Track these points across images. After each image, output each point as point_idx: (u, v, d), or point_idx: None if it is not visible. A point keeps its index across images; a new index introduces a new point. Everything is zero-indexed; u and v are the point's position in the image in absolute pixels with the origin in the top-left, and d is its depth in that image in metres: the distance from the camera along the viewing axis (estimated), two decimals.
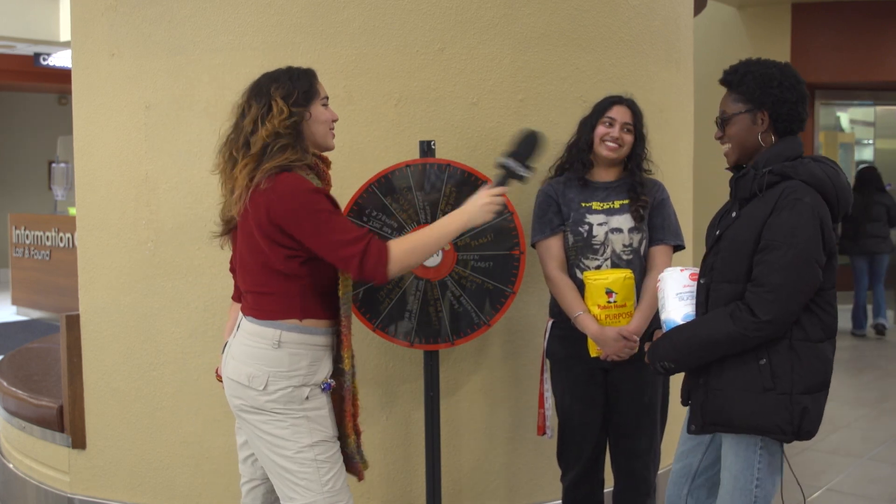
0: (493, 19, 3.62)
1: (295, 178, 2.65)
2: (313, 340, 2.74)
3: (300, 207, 2.62)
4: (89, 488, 4.00)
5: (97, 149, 3.91)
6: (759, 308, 2.50)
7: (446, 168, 3.32)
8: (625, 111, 3.23)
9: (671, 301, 2.75)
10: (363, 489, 3.69)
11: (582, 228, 3.23)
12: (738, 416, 2.58)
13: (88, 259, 3.97)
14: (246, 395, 2.73)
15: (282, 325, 2.71)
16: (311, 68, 2.82)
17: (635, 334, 3.14)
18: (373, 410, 3.67)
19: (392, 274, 2.68)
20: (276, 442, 2.72)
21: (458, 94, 3.61)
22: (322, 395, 2.77)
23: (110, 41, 3.81)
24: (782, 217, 2.52)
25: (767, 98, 2.64)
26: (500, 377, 3.78)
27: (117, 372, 3.88)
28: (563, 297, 3.24)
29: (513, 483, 3.85)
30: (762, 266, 2.53)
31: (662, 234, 3.25)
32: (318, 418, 2.74)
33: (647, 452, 3.30)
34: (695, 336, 2.63)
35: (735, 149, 2.72)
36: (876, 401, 6.78)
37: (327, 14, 3.53)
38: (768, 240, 2.53)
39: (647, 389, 3.26)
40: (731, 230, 2.65)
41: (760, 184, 2.59)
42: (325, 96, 2.81)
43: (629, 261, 3.21)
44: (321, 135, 2.79)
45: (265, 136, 2.65)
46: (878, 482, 4.90)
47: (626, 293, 3.15)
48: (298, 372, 2.71)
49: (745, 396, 2.57)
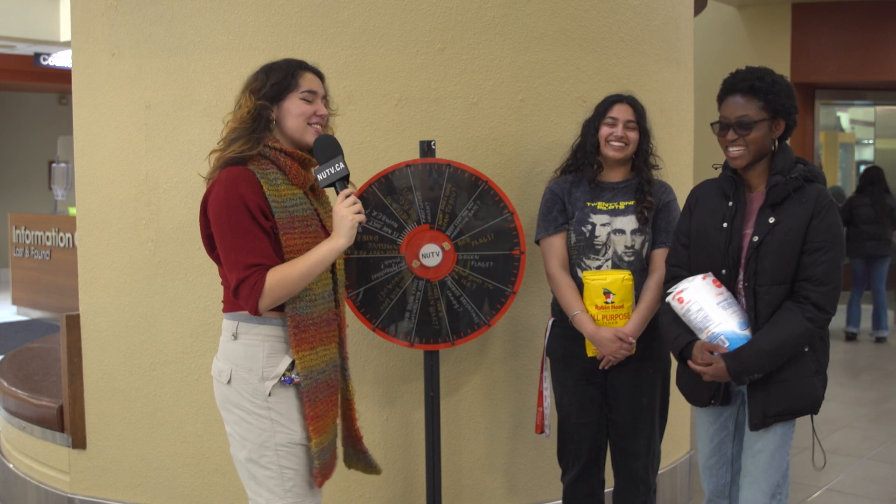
0: (493, 19, 3.62)
1: (234, 176, 2.56)
2: (268, 331, 2.64)
3: (221, 210, 2.56)
4: (90, 488, 4.00)
5: (97, 149, 3.91)
6: (828, 304, 2.74)
7: (446, 168, 3.32)
8: (626, 109, 3.22)
9: (716, 312, 2.80)
10: (363, 489, 3.69)
11: (585, 228, 3.23)
12: (803, 402, 2.81)
13: (89, 259, 3.96)
14: (217, 390, 2.72)
15: (238, 317, 2.66)
16: (298, 60, 2.73)
17: (631, 336, 3.14)
18: (373, 410, 3.67)
19: (264, 306, 2.55)
20: (241, 443, 2.66)
21: (458, 94, 3.61)
22: (288, 394, 2.65)
23: (110, 41, 3.81)
24: (829, 219, 2.76)
25: (789, 108, 2.82)
26: (500, 377, 3.78)
27: (118, 372, 3.88)
28: (563, 296, 3.25)
29: (513, 483, 3.85)
30: (823, 265, 2.74)
31: (665, 237, 3.23)
32: (283, 419, 2.64)
33: (645, 454, 3.30)
34: (781, 342, 2.75)
35: (752, 153, 2.82)
36: (875, 401, 6.78)
37: (327, 14, 3.53)
38: (822, 241, 2.74)
39: (645, 391, 3.26)
40: (774, 235, 2.77)
41: (795, 187, 2.78)
42: (308, 90, 2.68)
43: (630, 262, 3.21)
44: (296, 129, 2.68)
45: (229, 130, 2.65)
46: (878, 482, 4.90)
47: (624, 294, 3.15)
48: (255, 365, 2.62)
49: (802, 382, 2.80)
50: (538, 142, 3.69)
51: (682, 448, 4.53)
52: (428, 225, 3.31)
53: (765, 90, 2.78)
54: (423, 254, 3.31)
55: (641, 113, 3.26)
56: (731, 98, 2.83)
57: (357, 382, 3.60)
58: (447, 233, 3.32)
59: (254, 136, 2.63)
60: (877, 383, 7.41)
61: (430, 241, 3.31)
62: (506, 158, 3.65)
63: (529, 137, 3.69)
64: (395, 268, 3.32)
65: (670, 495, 4.38)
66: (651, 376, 3.25)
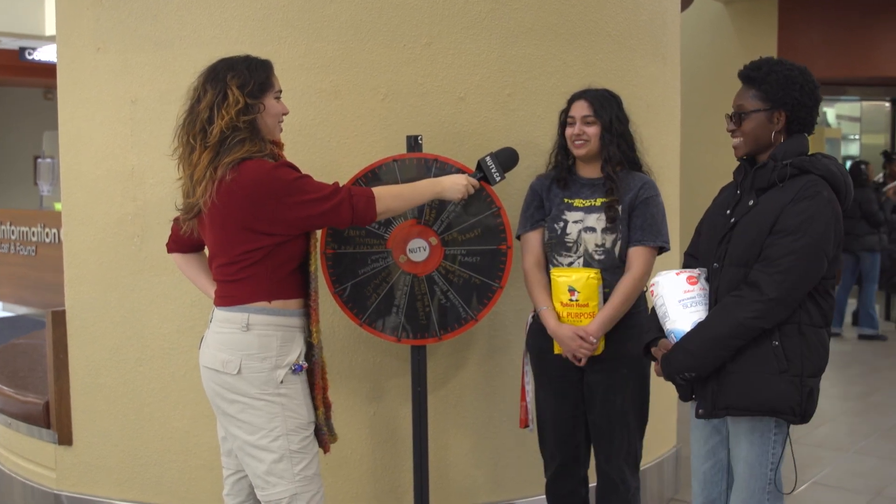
0: (480, 14, 3.62)
1: (256, 163, 2.69)
2: (282, 321, 2.78)
3: (274, 184, 2.68)
4: (76, 484, 3.98)
5: (83, 143, 3.89)
6: (767, 285, 2.58)
7: (433, 163, 3.32)
8: (581, 104, 3.19)
9: (674, 309, 2.74)
10: (350, 484, 3.69)
11: (557, 225, 3.22)
12: (757, 398, 2.63)
13: (74, 254, 3.95)
14: (221, 381, 2.77)
15: (249, 309, 2.76)
16: (269, 60, 2.85)
17: (592, 335, 3.08)
18: (360, 405, 3.67)
19: (380, 212, 2.86)
20: (250, 430, 2.75)
21: (445, 89, 3.61)
22: (297, 379, 2.81)
23: (96, 35, 3.79)
24: (801, 206, 2.60)
25: (788, 99, 2.71)
26: (487, 372, 3.78)
27: (104, 368, 3.87)
28: (532, 292, 3.26)
29: (500, 478, 3.86)
30: (775, 248, 2.60)
31: (641, 235, 3.15)
32: (293, 404, 2.78)
33: (621, 455, 3.24)
34: (708, 338, 2.65)
35: (747, 144, 2.77)
36: (862, 395, 6.81)
37: (314, 8, 3.52)
38: (784, 224, 2.61)
39: (619, 392, 3.20)
40: (748, 217, 2.70)
41: (781, 175, 2.67)
42: (279, 90, 2.84)
43: (601, 261, 3.16)
44: (272, 128, 2.83)
45: (223, 127, 2.68)
46: (864, 476, 4.92)
47: (589, 293, 3.11)
48: (269, 353, 2.75)
49: (761, 378, 2.62)
50: (525, 136, 3.69)
51: (668, 442, 4.54)
52: (415, 220, 3.31)
53: (759, 80, 2.72)
54: (410, 249, 3.31)
55: (600, 106, 3.17)
56: (740, 88, 2.80)
57: (344, 377, 3.61)
58: (434, 228, 3.32)
59: (258, 137, 2.74)
60: (863, 377, 7.45)
61: (418, 236, 3.31)
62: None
63: (516, 132, 3.69)
64: (383, 263, 3.32)
65: (657, 489, 4.39)
66: (625, 377, 3.19)
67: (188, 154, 2.76)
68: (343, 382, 3.61)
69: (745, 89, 2.77)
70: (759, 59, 2.80)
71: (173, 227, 3.07)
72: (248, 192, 2.66)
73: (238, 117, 2.69)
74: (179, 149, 2.81)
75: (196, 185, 2.72)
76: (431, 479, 3.57)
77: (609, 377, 3.19)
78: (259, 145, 2.72)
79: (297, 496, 2.78)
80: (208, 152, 2.69)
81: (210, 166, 2.68)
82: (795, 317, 2.63)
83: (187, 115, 2.78)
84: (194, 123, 2.74)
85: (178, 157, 2.82)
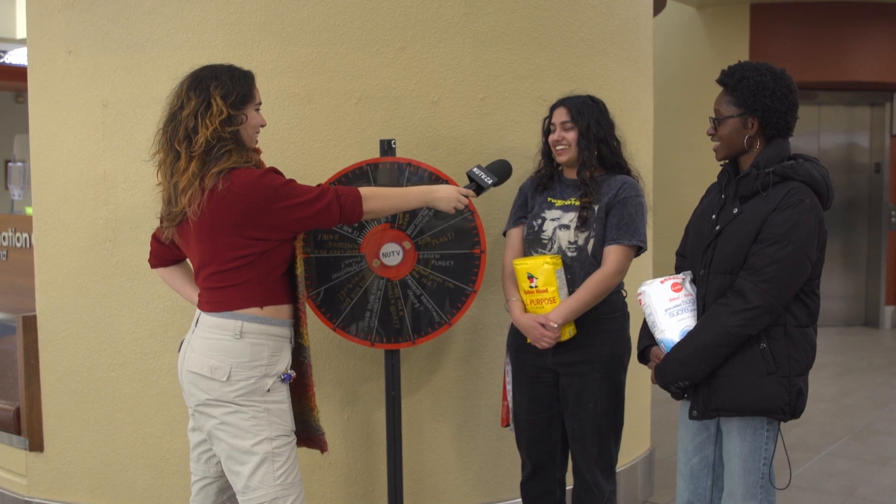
0: (453, 18, 3.62)
1: (245, 171, 2.70)
2: (274, 331, 2.80)
3: (264, 191, 2.69)
4: (47, 491, 3.95)
5: (54, 147, 3.86)
6: (752, 294, 2.64)
7: (406, 167, 3.32)
8: (561, 111, 3.23)
9: (662, 319, 2.81)
10: (325, 489, 3.68)
11: (535, 223, 3.25)
12: (746, 400, 2.71)
13: (45, 259, 3.92)
14: (208, 386, 2.76)
15: (242, 316, 2.76)
16: (251, 71, 2.86)
17: (553, 322, 3.09)
18: (334, 410, 3.66)
19: (366, 210, 2.89)
20: (235, 433, 2.76)
21: (418, 93, 3.61)
22: (283, 387, 2.84)
23: (67, 38, 3.77)
24: (785, 214, 2.65)
25: (759, 106, 2.74)
26: (461, 376, 3.79)
27: (75, 373, 3.84)
28: (503, 284, 3.31)
29: (475, 481, 3.86)
30: (759, 256, 2.66)
31: (616, 234, 3.15)
32: (279, 412, 2.81)
33: (595, 458, 3.25)
34: (698, 346, 2.72)
35: (724, 147, 2.83)
36: (834, 397, 6.87)
37: (287, 12, 3.52)
38: (768, 234, 2.66)
39: (591, 396, 3.20)
40: (732, 225, 2.75)
41: (764, 183, 2.71)
42: (259, 102, 2.86)
43: (574, 258, 3.17)
44: (251, 139, 2.84)
45: (208, 137, 2.68)
46: (836, 477, 4.97)
47: (546, 278, 3.11)
48: (260, 362, 2.77)
49: (751, 380, 2.70)
50: (498, 141, 3.70)
51: (642, 445, 4.56)
52: (388, 224, 3.31)
53: (732, 86, 2.76)
54: (383, 253, 3.31)
55: (577, 112, 3.20)
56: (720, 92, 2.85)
57: (319, 382, 3.59)
58: (407, 232, 3.32)
59: (242, 147, 2.77)
60: (835, 378, 7.52)
61: (391, 241, 3.31)
62: (466, 157, 3.65)
63: (490, 136, 3.70)
64: (356, 267, 3.31)
65: (630, 492, 4.41)
66: (597, 381, 3.19)
67: (173, 161, 2.73)
68: (317, 387, 3.58)
69: (722, 94, 2.82)
70: (737, 63, 2.83)
71: (152, 242, 3.05)
72: (240, 199, 2.66)
73: (222, 127, 2.69)
74: (160, 154, 2.79)
75: (181, 194, 2.70)
76: (406, 483, 3.57)
77: (582, 381, 3.20)
78: (245, 155, 2.74)
79: (278, 500, 2.79)
80: (196, 161, 2.68)
81: (197, 175, 2.67)
82: (781, 319, 2.70)
83: (169, 121, 2.76)
84: (177, 130, 2.72)
85: (158, 162, 2.80)
